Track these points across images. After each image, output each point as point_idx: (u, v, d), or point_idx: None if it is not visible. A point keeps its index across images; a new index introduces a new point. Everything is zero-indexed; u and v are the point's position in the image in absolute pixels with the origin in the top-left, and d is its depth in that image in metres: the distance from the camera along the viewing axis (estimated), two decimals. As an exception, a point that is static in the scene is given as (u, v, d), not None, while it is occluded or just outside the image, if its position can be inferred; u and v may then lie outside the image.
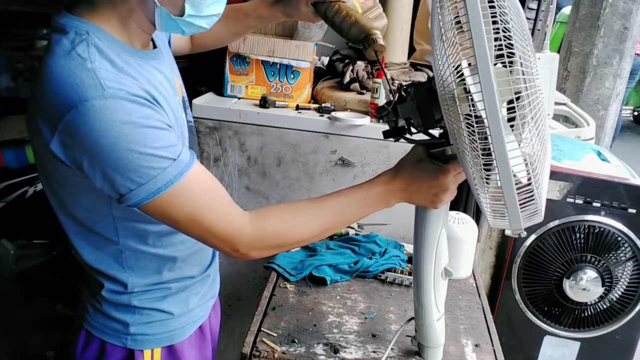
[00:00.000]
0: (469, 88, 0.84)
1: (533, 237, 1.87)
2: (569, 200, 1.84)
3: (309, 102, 1.88)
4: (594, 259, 1.85)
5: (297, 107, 1.81)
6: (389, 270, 1.58)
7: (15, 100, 2.37)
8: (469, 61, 0.85)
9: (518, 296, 1.93)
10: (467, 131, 0.85)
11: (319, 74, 2.05)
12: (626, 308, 1.89)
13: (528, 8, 2.08)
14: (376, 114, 1.13)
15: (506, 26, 0.80)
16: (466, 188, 1.69)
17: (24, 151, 2.16)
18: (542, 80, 0.91)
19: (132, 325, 1.06)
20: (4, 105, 2.37)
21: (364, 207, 1.05)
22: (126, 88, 0.86)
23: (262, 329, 1.30)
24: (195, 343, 1.16)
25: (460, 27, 0.82)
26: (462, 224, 1.59)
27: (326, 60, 2.16)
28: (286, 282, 1.52)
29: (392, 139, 1.09)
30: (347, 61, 1.98)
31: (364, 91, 1.88)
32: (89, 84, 0.83)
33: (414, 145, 1.07)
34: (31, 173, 2.19)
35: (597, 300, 1.88)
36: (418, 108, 0.99)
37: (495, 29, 0.79)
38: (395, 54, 1.93)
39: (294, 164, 1.78)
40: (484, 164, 0.86)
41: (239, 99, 1.87)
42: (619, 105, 4.12)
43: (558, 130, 2.39)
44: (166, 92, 0.97)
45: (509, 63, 0.82)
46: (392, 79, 1.83)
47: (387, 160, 1.73)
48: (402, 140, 1.08)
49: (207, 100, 1.82)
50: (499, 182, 0.85)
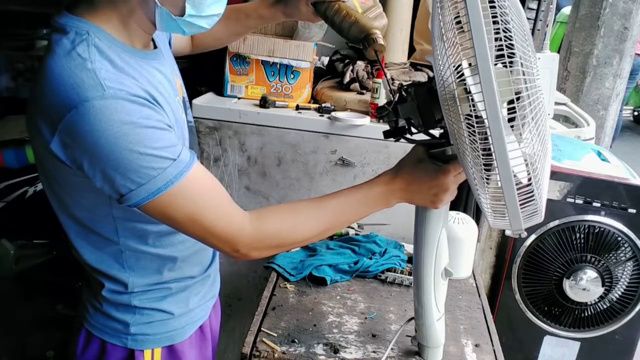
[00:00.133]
0: (469, 88, 0.84)
1: (533, 237, 1.87)
2: (569, 200, 1.84)
3: (309, 102, 1.88)
4: (594, 259, 1.85)
5: (297, 107, 1.81)
6: (389, 270, 1.58)
7: (15, 100, 2.36)
8: (469, 61, 0.85)
9: (518, 296, 1.93)
10: (468, 131, 0.85)
11: (319, 74, 2.05)
12: (626, 308, 1.89)
13: (528, 8, 2.08)
14: (376, 114, 1.13)
15: (507, 26, 0.80)
16: (466, 188, 1.69)
17: (24, 151, 2.15)
18: (543, 81, 0.91)
19: (133, 325, 1.06)
20: (4, 105, 2.37)
21: (364, 207, 1.05)
22: (126, 88, 0.86)
23: (262, 329, 1.30)
24: (195, 343, 1.16)
25: (461, 27, 0.82)
26: (462, 224, 1.59)
27: (326, 60, 2.16)
28: (286, 282, 1.51)
29: (392, 139, 1.09)
30: (347, 61, 1.98)
31: (364, 91, 1.88)
32: (89, 84, 0.83)
33: (414, 146, 1.07)
34: (31, 173, 2.19)
35: (597, 300, 1.88)
36: (418, 108, 0.99)
37: (495, 29, 0.79)
38: (395, 54, 1.93)
39: (294, 164, 1.78)
40: (484, 164, 0.86)
41: (239, 99, 1.87)
42: (619, 105, 4.12)
43: (558, 130, 2.39)
44: (166, 92, 0.97)
45: (509, 63, 0.82)
46: (392, 79, 1.83)
47: (387, 160, 1.73)
48: (403, 140, 1.08)
49: (207, 100, 1.82)
50: (499, 183, 0.85)
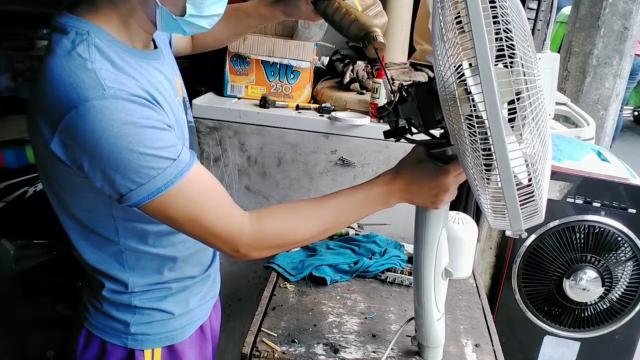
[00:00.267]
0: (469, 88, 0.84)
1: (533, 237, 1.87)
2: (569, 200, 1.84)
3: (309, 102, 1.88)
4: (594, 259, 1.85)
5: (297, 107, 1.80)
6: (389, 270, 1.58)
7: (15, 100, 2.36)
8: (470, 61, 0.84)
9: (518, 296, 1.92)
10: (468, 132, 0.85)
11: (319, 74, 2.05)
12: (626, 308, 1.89)
13: (528, 8, 2.08)
14: (377, 114, 1.13)
15: (507, 26, 0.80)
16: (466, 188, 1.69)
17: (24, 151, 2.15)
18: (543, 81, 0.91)
19: (133, 325, 1.06)
20: (4, 105, 2.37)
21: (364, 207, 1.05)
22: (126, 88, 0.86)
23: (262, 329, 1.30)
24: (195, 343, 1.16)
25: (461, 27, 0.82)
26: (462, 224, 1.59)
27: (326, 60, 2.16)
28: (286, 282, 1.51)
29: (392, 139, 1.08)
30: (347, 61, 1.98)
31: (364, 91, 1.88)
32: (89, 84, 0.83)
33: (414, 146, 1.07)
34: (31, 173, 2.19)
35: (597, 300, 1.88)
36: (419, 108, 0.99)
37: (496, 29, 0.79)
38: (395, 53, 1.93)
39: (294, 164, 1.78)
40: (484, 164, 0.86)
41: (239, 99, 1.86)
42: (619, 105, 4.12)
43: (558, 130, 2.39)
44: (166, 92, 0.97)
45: (509, 63, 0.82)
46: (392, 78, 1.83)
47: (387, 161, 1.73)
48: (403, 141, 1.08)
49: (207, 100, 1.82)
50: (499, 183, 0.84)
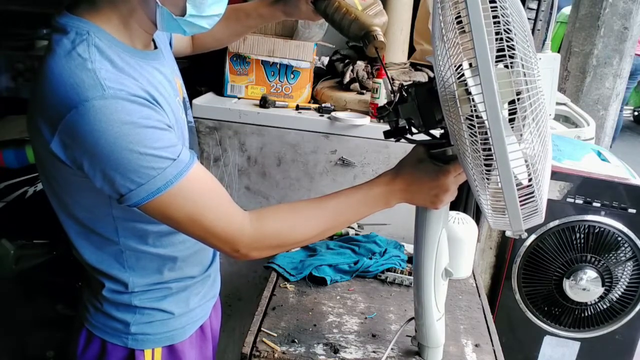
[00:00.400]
0: (470, 89, 0.84)
1: (533, 237, 1.87)
2: (569, 200, 1.84)
3: (309, 102, 1.88)
4: (594, 259, 1.85)
5: (297, 107, 1.80)
6: (389, 270, 1.58)
7: (15, 100, 2.36)
8: (470, 61, 0.84)
9: (518, 296, 1.92)
10: (468, 132, 0.85)
11: (319, 74, 2.05)
12: (626, 308, 1.89)
13: (528, 8, 2.08)
14: (377, 114, 1.13)
15: (507, 26, 0.80)
16: (466, 188, 1.69)
17: (24, 151, 2.15)
18: (544, 81, 0.91)
19: (133, 324, 1.06)
20: (4, 105, 2.37)
21: (364, 207, 1.05)
22: (126, 88, 0.86)
23: (262, 329, 1.30)
24: (195, 343, 1.16)
25: (462, 27, 0.82)
26: (462, 224, 1.59)
27: (326, 60, 2.16)
28: (286, 282, 1.51)
29: (392, 139, 1.08)
30: (347, 61, 1.98)
31: (364, 91, 1.88)
32: (89, 84, 0.83)
33: (414, 146, 1.07)
34: (31, 173, 2.19)
35: (597, 300, 1.88)
36: (419, 108, 0.99)
37: (496, 29, 0.79)
38: (395, 53, 1.93)
39: (294, 164, 1.78)
40: (484, 164, 0.86)
41: (239, 99, 1.86)
42: (619, 105, 4.11)
43: (558, 130, 2.39)
44: (166, 92, 0.97)
45: (510, 63, 0.82)
46: (392, 78, 1.83)
47: (387, 161, 1.73)
48: (403, 141, 1.08)
49: (207, 100, 1.82)
50: (499, 183, 0.84)
